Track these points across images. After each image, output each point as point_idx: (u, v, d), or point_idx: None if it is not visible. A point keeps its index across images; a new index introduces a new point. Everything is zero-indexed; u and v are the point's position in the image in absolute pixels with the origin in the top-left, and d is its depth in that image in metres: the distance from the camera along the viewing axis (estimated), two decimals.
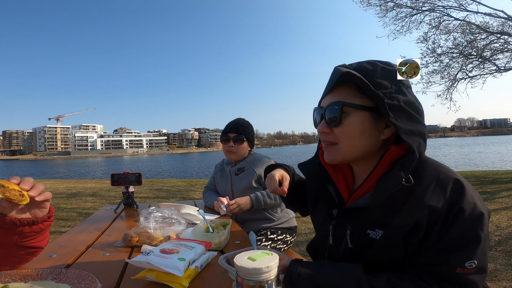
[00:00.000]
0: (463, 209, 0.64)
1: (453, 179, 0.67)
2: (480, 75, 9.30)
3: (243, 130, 1.93)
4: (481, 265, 0.64)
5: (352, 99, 0.72)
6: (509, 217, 3.82)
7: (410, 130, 0.69)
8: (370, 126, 0.72)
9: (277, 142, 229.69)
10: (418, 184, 0.67)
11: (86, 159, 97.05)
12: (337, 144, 0.75)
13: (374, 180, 0.72)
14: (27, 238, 0.86)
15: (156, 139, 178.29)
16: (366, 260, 0.72)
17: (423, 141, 0.71)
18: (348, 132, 0.72)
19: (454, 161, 21.33)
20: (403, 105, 0.70)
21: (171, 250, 0.88)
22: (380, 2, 9.06)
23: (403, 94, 0.72)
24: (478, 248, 0.63)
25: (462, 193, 0.65)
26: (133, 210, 1.91)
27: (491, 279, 2.28)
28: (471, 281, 0.64)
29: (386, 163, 0.71)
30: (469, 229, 0.64)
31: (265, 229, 1.84)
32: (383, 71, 0.72)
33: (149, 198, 6.77)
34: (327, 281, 0.66)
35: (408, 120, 0.70)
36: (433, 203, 0.65)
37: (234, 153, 1.92)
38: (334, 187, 0.84)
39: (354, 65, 0.74)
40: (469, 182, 0.70)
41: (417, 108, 0.73)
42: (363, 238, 0.73)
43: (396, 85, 0.72)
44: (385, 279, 0.66)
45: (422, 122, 0.73)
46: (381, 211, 0.70)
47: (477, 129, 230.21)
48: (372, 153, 0.75)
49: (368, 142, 0.73)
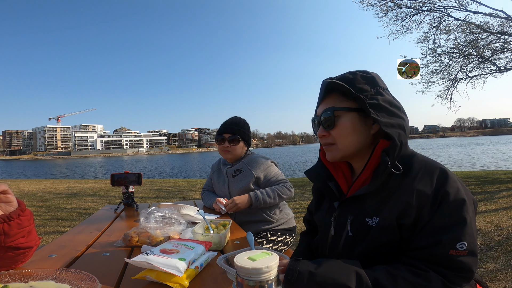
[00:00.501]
0: (448, 192, 0.72)
1: (439, 168, 0.77)
2: (480, 75, 9.29)
3: (238, 129, 1.91)
4: (472, 248, 0.69)
5: (340, 103, 0.85)
6: (509, 217, 3.82)
7: (390, 123, 0.80)
8: (359, 123, 0.84)
9: (277, 142, 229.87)
10: (408, 173, 0.77)
11: (86, 159, 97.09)
12: (335, 144, 0.87)
13: (370, 171, 0.82)
14: (11, 238, 0.86)
15: (156, 139, 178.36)
16: (365, 248, 0.78)
17: (403, 132, 0.82)
18: (343, 132, 0.85)
19: (458, 161, 21.34)
20: (382, 103, 0.81)
21: (171, 250, 0.88)
22: (380, 2, 9.05)
23: (381, 95, 0.84)
24: (465, 230, 0.69)
25: (446, 179, 0.74)
26: (133, 210, 1.91)
27: (491, 279, 2.28)
28: (464, 263, 0.68)
29: (378, 155, 0.81)
30: (454, 210, 0.71)
31: (265, 231, 1.83)
32: (362, 78, 0.84)
33: (149, 198, 6.77)
34: (328, 277, 0.67)
35: (388, 115, 0.81)
36: (421, 187, 0.74)
37: (230, 153, 1.91)
38: (334, 183, 0.93)
39: (338, 77, 0.87)
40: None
41: (395, 105, 0.84)
42: (362, 226, 0.80)
43: (374, 88, 0.84)
44: (383, 270, 0.71)
45: (401, 116, 0.84)
46: (376, 200, 0.79)
47: (477, 129, 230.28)
48: (365, 147, 0.86)
49: (360, 137, 0.85)
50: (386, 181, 0.78)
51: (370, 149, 0.85)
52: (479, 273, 2.39)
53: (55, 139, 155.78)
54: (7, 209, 0.88)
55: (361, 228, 0.80)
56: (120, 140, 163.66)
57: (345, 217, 0.86)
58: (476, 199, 0.77)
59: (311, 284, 0.67)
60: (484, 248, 2.90)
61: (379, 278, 0.68)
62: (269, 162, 1.91)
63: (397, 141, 0.78)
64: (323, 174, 0.95)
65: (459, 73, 9.45)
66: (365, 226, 0.79)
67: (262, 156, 1.96)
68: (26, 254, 0.95)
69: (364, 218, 0.80)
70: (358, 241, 0.81)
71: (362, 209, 0.81)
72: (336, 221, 0.89)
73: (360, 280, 0.67)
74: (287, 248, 1.88)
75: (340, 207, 0.89)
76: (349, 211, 0.85)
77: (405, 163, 0.78)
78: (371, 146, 0.85)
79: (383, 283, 0.67)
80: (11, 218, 0.86)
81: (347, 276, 0.67)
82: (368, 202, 0.80)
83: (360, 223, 0.81)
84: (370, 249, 0.78)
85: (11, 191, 0.89)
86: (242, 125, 1.95)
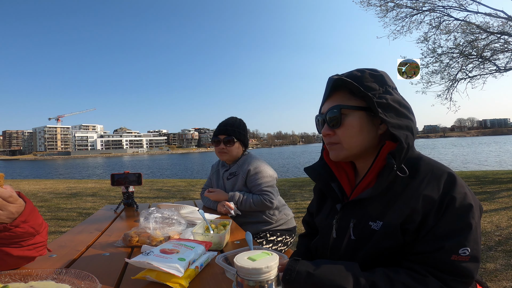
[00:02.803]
0: (455, 198, 0.70)
1: (446, 172, 0.74)
2: (480, 75, 9.28)
3: (233, 130, 1.88)
4: (475, 254, 0.67)
5: (348, 101, 0.81)
6: (509, 217, 3.82)
7: (398, 124, 0.77)
8: (367, 122, 0.81)
9: (277, 142, 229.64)
10: (414, 177, 0.75)
11: (86, 159, 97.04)
12: (339, 143, 0.84)
13: (374, 174, 0.80)
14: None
15: (156, 139, 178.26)
16: (367, 252, 0.76)
17: (411, 134, 0.79)
18: (349, 131, 0.81)
19: (462, 160, 21.32)
20: (391, 103, 0.78)
21: (171, 250, 0.88)
22: (380, 2, 9.05)
23: (390, 94, 0.80)
24: (470, 235, 0.68)
25: (454, 184, 0.72)
26: (133, 210, 1.91)
27: (491, 279, 2.28)
28: (466, 269, 0.67)
29: (383, 157, 0.78)
30: (460, 216, 0.69)
31: (264, 231, 1.83)
32: (370, 76, 0.81)
33: (149, 198, 6.77)
34: (326, 278, 0.67)
35: (396, 116, 0.78)
36: (427, 192, 0.71)
37: (226, 154, 1.90)
38: (337, 184, 0.91)
39: (345, 74, 0.83)
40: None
41: (404, 105, 0.81)
42: (365, 230, 0.78)
43: (383, 87, 0.81)
44: (381, 273, 0.69)
45: (410, 117, 0.81)
46: (381, 203, 0.76)
47: (477, 129, 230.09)
48: (371, 148, 0.83)
49: (367, 137, 0.82)
50: (391, 184, 0.76)
51: (375, 150, 0.82)
52: (479, 273, 2.39)
53: (55, 139, 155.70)
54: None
55: (364, 232, 0.78)
56: (120, 140, 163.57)
57: (347, 220, 0.83)
58: (481, 204, 0.75)
59: (309, 284, 0.66)
60: (484, 248, 2.90)
61: (376, 281, 0.67)
62: (260, 167, 1.85)
63: (404, 144, 0.75)
64: (325, 175, 0.92)
65: (459, 73, 9.45)
66: (368, 230, 0.77)
67: (257, 158, 1.91)
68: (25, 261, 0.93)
69: (367, 222, 0.78)
70: (360, 245, 0.79)
71: (366, 212, 0.79)
72: (338, 224, 0.86)
73: (358, 283, 0.66)
74: (287, 248, 1.88)
75: (343, 209, 0.86)
76: (352, 214, 0.82)
77: (411, 166, 0.76)
78: (377, 147, 0.82)
79: (380, 286, 0.66)
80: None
81: (345, 278, 0.67)
82: (371, 205, 0.78)
83: (363, 227, 0.79)
84: (373, 253, 0.76)
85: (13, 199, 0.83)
86: (237, 126, 1.92)
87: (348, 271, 0.68)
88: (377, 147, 0.83)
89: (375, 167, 0.79)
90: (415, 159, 0.78)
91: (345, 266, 0.70)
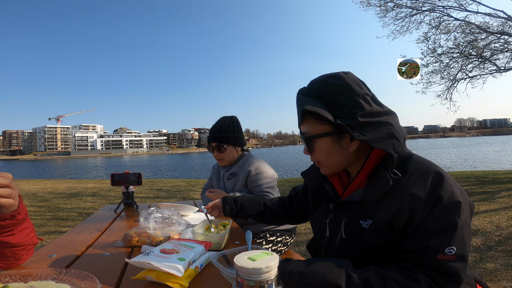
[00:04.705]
0: (442, 196, 0.70)
1: (434, 171, 0.74)
2: (480, 75, 9.29)
3: (221, 136, 1.85)
4: (461, 253, 0.68)
5: (314, 128, 0.82)
6: (509, 217, 3.82)
7: (379, 137, 0.76)
8: (334, 146, 0.82)
9: (277, 142, 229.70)
10: (403, 176, 0.75)
11: (86, 159, 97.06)
12: (320, 163, 0.88)
13: (365, 175, 0.81)
14: None
15: (156, 139, 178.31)
16: (359, 250, 0.78)
17: (396, 140, 0.77)
18: (321, 155, 0.85)
19: (464, 160, 21.31)
20: (363, 119, 0.76)
21: (171, 250, 0.88)
22: (380, 2, 9.07)
23: (360, 106, 0.77)
24: (455, 234, 0.68)
25: (441, 182, 0.72)
26: (133, 210, 1.91)
27: (491, 279, 2.28)
28: (453, 268, 0.67)
29: (373, 159, 0.79)
30: (446, 215, 0.69)
31: (264, 231, 1.83)
32: (335, 89, 0.79)
33: (149, 198, 6.77)
34: (318, 277, 0.67)
35: (373, 129, 0.76)
36: (414, 191, 0.72)
37: (222, 160, 1.91)
38: (330, 185, 0.93)
39: (313, 90, 0.83)
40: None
41: (377, 112, 0.78)
42: (355, 228, 0.80)
43: (352, 99, 0.78)
44: (374, 270, 0.70)
45: (388, 121, 0.78)
46: (371, 202, 0.78)
47: (477, 129, 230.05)
48: (353, 160, 0.85)
49: (341, 157, 0.84)
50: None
51: (363, 155, 0.83)
52: (479, 273, 2.39)
53: (55, 139, 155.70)
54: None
55: (355, 230, 0.80)
56: (120, 140, 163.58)
57: (339, 219, 0.85)
58: (472, 202, 0.75)
59: (302, 283, 0.67)
60: (484, 248, 2.90)
61: (369, 278, 0.68)
62: (261, 168, 1.84)
63: (393, 153, 0.74)
64: (318, 176, 0.95)
65: (459, 73, 9.46)
66: (359, 228, 0.79)
67: (258, 159, 1.91)
68: (8, 250, 0.90)
69: (358, 221, 0.80)
70: (352, 244, 0.80)
71: (357, 211, 0.81)
72: (331, 223, 0.89)
73: (350, 280, 0.67)
74: (287, 248, 1.88)
75: (335, 209, 0.89)
76: (344, 213, 0.85)
77: (400, 165, 0.77)
78: (363, 151, 0.83)
79: (373, 283, 0.67)
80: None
81: (337, 275, 0.67)
82: (362, 204, 0.80)
83: (354, 226, 0.81)
84: (364, 251, 0.77)
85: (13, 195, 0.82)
86: (226, 130, 1.87)
87: (340, 268, 0.69)
88: (362, 151, 0.83)
89: (365, 169, 0.81)
90: (404, 157, 0.79)
91: (337, 263, 0.71)
